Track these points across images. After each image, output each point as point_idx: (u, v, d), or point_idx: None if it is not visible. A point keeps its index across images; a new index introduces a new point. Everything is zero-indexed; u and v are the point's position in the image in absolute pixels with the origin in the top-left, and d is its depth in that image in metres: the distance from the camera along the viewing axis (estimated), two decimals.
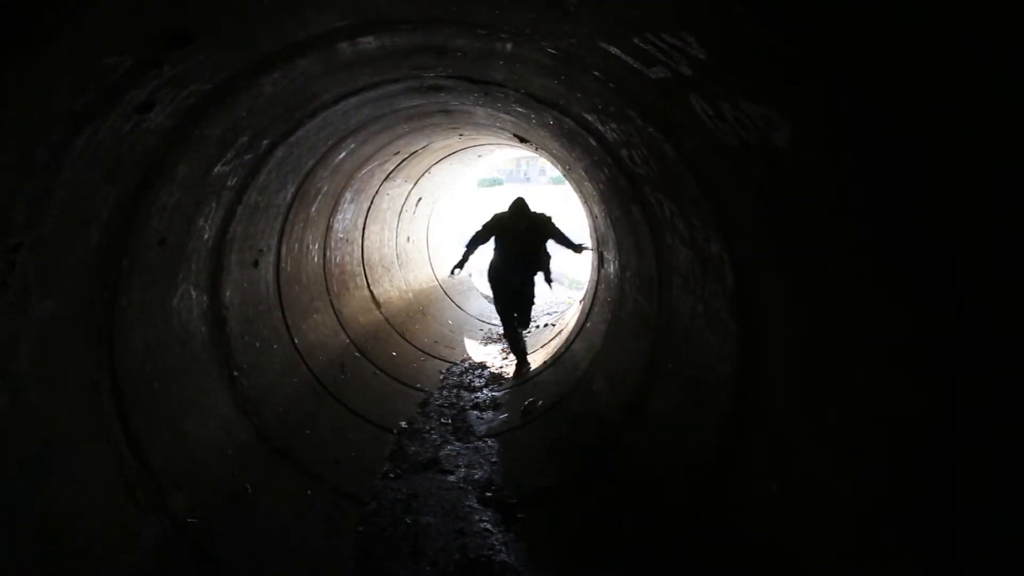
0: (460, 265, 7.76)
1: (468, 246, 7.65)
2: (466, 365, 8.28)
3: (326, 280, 7.54)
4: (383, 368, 7.23)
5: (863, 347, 2.22)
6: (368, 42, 3.65)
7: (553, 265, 7.88)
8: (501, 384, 7.45)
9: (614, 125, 3.99)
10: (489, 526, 4.28)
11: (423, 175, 10.10)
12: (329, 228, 7.53)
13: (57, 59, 2.17)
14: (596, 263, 7.99)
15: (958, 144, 1.54)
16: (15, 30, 1.89)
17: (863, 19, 1.59)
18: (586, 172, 6.11)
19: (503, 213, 7.59)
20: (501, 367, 8.13)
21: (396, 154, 8.10)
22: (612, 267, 6.72)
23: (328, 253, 7.63)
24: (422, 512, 4.46)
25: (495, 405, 6.76)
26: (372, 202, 8.73)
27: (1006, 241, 1.49)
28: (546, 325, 9.98)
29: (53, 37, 2.04)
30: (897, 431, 2.05)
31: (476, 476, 5.08)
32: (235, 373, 4.76)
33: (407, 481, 4.94)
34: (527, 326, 8.22)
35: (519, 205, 7.53)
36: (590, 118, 4.32)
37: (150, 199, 3.45)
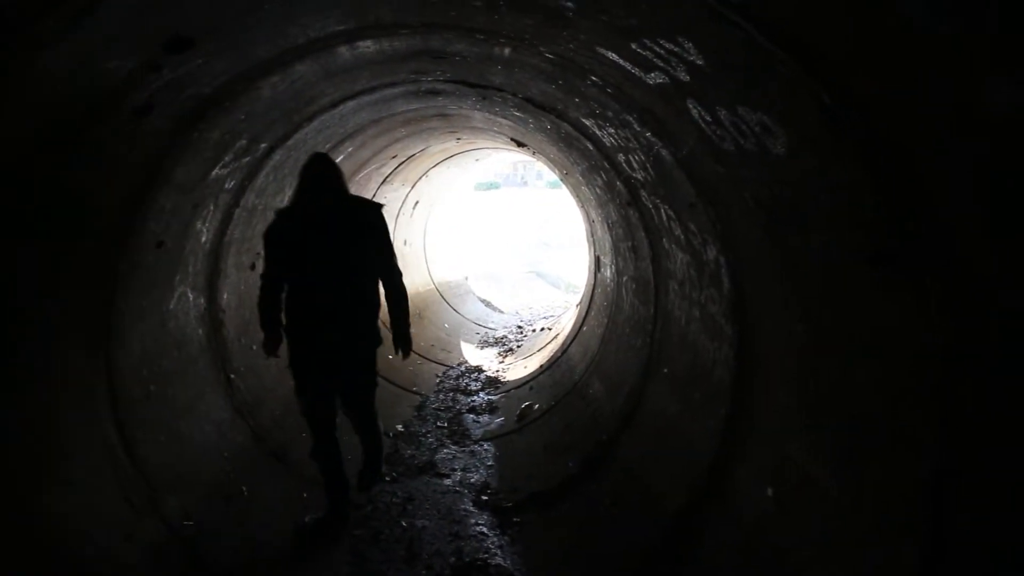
0: (270, 345, 3.90)
1: (262, 300, 3.86)
2: (462, 369, 8.28)
3: None
4: (379, 371, 7.21)
5: (860, 353, 2.23)
6: (367, 46, 3.66)
7: (549, 268, 5.65)
8: (497, 388, 7.45)
9: (612, 130, 4.00)
10: (485, 530, 4.28)
11: (420, 178, 10.10)
12: None
13: (59, 63, 2.17)
14: (593, 267, 7.97)
15: (961, 147, 1.55)
16: (17, 33, 1.90)
17: (861, 24, 1.61)
18: (583, 176, 6.12)
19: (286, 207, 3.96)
20: (498, 371, 8.12)
21: (393, 158, 8.10)
22: (608, 271, 6.73)
23: None
24: (418, 516, 4.45)
25: (491, 409, 6.76)
26: None
27: (1009, 247, 1.51)
28: (543, 329, 9.98)
29: (54, 41, 2.05)
30: (893, 439, 2.06)
31: (472, 480, 5.08)
32: (231, 376, 4.76)
33: (403, 484, 4.93)
34: (378, 442, 4.41)
35: (319, 169, 3.81)
36: (588, 123, 4.33)
37: (148, 202, 3.45)
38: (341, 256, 3.76)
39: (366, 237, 3.88)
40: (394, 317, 4.19)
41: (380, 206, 4.00)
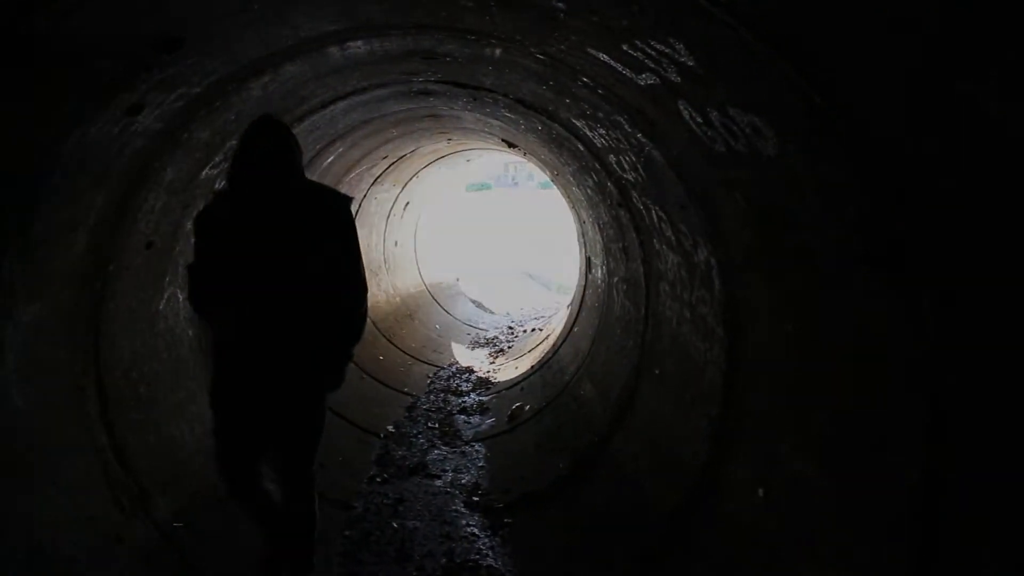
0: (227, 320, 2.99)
1: (192, 296, 3.11)
2: (453, 369, 8.27)
3: None
4: (370, 372, 7.20)
5: (850, 354, 2.24)
6: (357, 47, 3.65)
7: (540, 269, 5.57)
8: (488, 388, 7.44)
9: (602, 131, 4.01)
10: (476, 531, 4.28)
11: (411, 179, 10.09)
12: None
13: (48, 62, 2.16)
14: (584, 268, 7.97)
15: (950, 150, 1.56)
16: (6, 33, 1.89)
17: (852, 24, 1.61)
18: (574, 177, 6.13)
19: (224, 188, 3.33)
20: (488, 372, 8.12)
21: (384, 158, 8.09)
22: (599, 272, 6.73)
23: None
24: (409, 516, 4.45)
25: (482, 409, 6.76)
26: (360, 206, 8.71)
27: (996, 248, 1.51)
28: (533, 330, 9.98)
29: (44, 40, 2.03)
30: (883, 439, 2.07)
31: (463, 480, 5.07)
32: None
33: (394, 485, 4.93)
34: (310, 519, 3.38)
35: (267, 142, 2.81)
36: (578, 124, 4.34)
37: (138, 202, 3.43)
38: (289, 260, 2.83)
39: (325, 237, 2.93)
40: (338, 336, 3.08)
41: (348, 199, 3.09)
